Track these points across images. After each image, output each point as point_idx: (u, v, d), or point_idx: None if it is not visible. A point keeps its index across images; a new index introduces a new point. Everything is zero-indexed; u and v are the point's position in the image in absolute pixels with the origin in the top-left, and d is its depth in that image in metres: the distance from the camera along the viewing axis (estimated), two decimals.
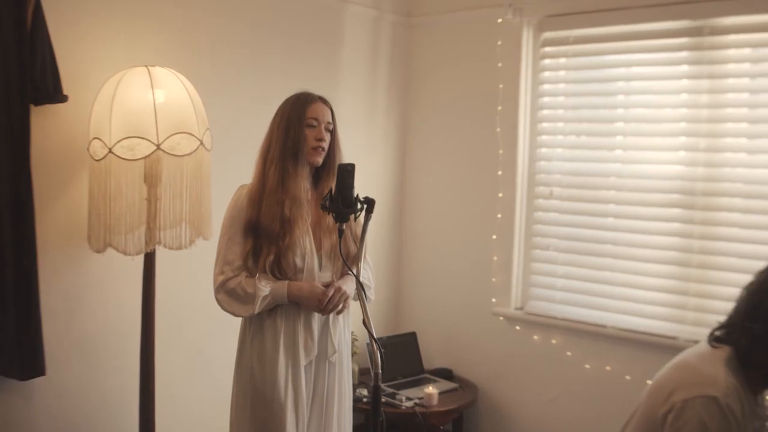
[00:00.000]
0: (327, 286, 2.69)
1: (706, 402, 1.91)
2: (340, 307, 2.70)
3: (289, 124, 2.70)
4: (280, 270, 2.66)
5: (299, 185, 2.68)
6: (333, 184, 2.65)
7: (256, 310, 2.63)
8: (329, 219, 2.71)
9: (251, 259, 2.68)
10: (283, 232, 2.64)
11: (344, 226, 2.39)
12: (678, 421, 1.95)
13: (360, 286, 2.31)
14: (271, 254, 2.64)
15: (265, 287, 2.62)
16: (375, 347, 2.13)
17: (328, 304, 2.65)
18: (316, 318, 2.72)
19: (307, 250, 2.69)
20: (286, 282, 2.65)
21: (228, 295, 2.66)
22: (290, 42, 3.89)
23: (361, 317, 2.25)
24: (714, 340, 2.06)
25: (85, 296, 3.08)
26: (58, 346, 2.96)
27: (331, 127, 2.78)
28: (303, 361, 2.68)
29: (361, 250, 2.39)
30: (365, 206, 2.35)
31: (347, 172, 2.30)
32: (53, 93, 2.80)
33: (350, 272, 2.64)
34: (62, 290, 2.99)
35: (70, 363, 3.04)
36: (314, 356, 2.71)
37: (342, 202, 2.31)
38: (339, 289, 2.68)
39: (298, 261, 2.67)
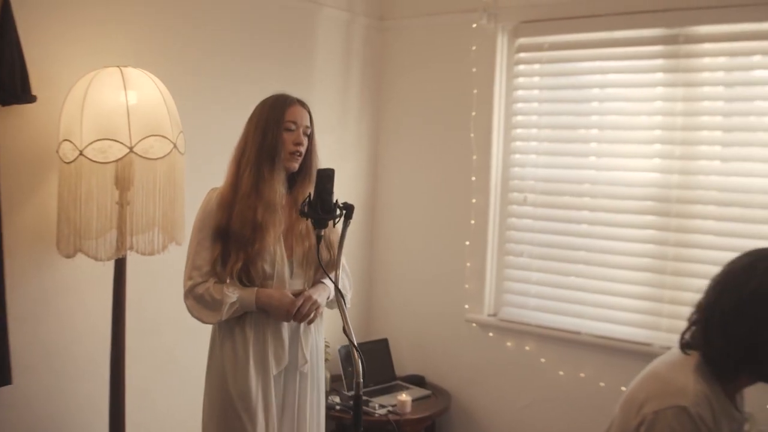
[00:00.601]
0: (297, 294, 2.64)
1: (677, 412, 1.90)
2: (312, 316, 2.65)
3: (267, 127, 2.64)
4: (248, 277, 2.61)
5: (274, 190, 2.62)
6: (311, 190, 2.61)
7: (224, 317, 2.58)
8: (302, 225, 2.67)
9: (220, 265, 2.63)
10: (254, 237, 2.58)
11: (323, 233, 2.34)
12: None
13: (339, 293, 2.26)
14: (239, 261, 2.59)
15: (232, 294, 2.57)
16: (357, 356, 2.08)
17: (297, 313, 2.60)
18: (286, 327, 2.67)
19: (277, 256, 2.64)
20: (255, 289, 2.60)
21: (196, 301, 2.61)
22: (262, 45, 3.84)
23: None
24: (684, 345, 2.05)
25: (52, 302, 3.00)
26: (25, 354, 2.87)
27: (309, 131, 2.73)
28: (273, 371, 2.63)
29: (339, 257, 2.33)
30: (344, 212, 2.31)
31: (327, 177, 2.25)
32: (21, 93, 2.70)
33: (329, 279, 2.60)
34: (29, 296, 2.90)
35: (38, 371, 2.95)
36: (285, 365, 2.66)
37: (321, 207, 2.26)
38: (309, 297, 2.62)
39: (267, 268, 2.62)
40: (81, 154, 2.60)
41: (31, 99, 2.75)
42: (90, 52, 3.00)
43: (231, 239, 2.60)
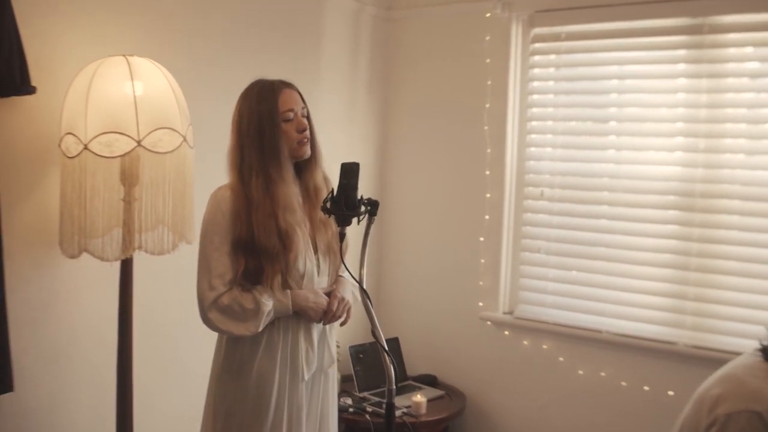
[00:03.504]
0: (327, 294, 2.51)
1: (750, 417, 1.86)
2: (343, 318, 2.52)
3: (261, 124, 2.44)
4: (286, 285, 2.46)
5: (288, 190, 2.46)
6: (320, 173, 2.55)
7: (261, 327, 2.40)
8: (320, 213, 2.47)
9: (250, 280, 2.44)
10: (284, 246, 2.41)
11: (345, 230, 2.21)
12: None
13: (366, 294, 2.13)
14: (277, 274, 2.41)
15: (267, 301, 2.40)
16: (388, 361, 1.95)
17: (331, 315, 2.47)
18: (316, 327, 2.53)
19: (308, 255, 2.50)
20: (289, 292, 2.44)
21: (221, 313, 2.41)
22: (268, 34, 3.71)
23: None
24: (762, 351, 1.98)
25: (55, 305, 2.85)
26: (27, 360, 2.73)
27: (305, 111, 2.54)
28: (306, 375, 2.48)
29: (363, 256, 2.19)
30: (369, 209, 2.17)
31: (352, 171, 2.11)
32: (20, 84, 2.54)
33: (345, 278, 2.47)
34: (30, 299, 2.75)
35: (40, 378, 2.81)
36: (314, 369, 2.53)
37: (345, 203, 2.12)
38: (342, 299, 2.50)
39: (301, 266, 2.47)
40: (85, 148, 2.45)
41: (30, 90, 2.58)
42: (94, 41, 2.85)
43: (260, 253, 2.41)
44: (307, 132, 2.51)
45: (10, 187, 2.62)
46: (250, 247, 2.42)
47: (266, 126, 2.44)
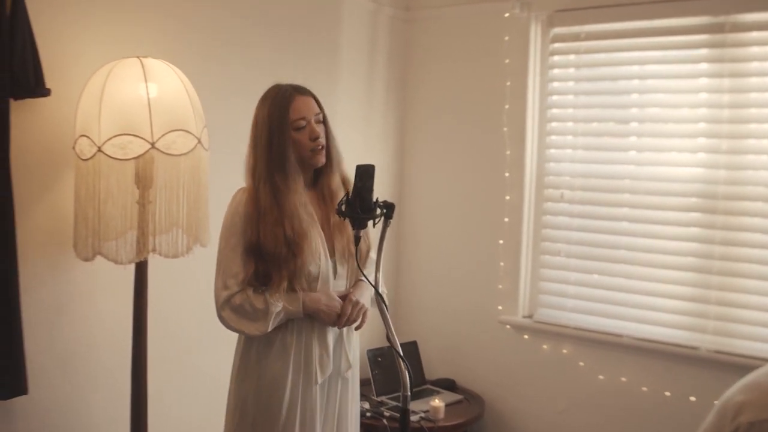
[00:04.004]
0: (342, 297, 2.47)
1: None
2: (358, 322, 2.48)
3: (271, 134, 2.43)
4: (294, 289, 2.43)
5: (295, 200, 2.43)
6: (336, 177, 2.51)
7: (270, 328, 2.39)
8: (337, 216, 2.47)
9: (259, 282, 2.44)
10: (291, 253, 2.39)
11: (361, 233, 2.17)
12: None
13: (381, 298, 2.09)
14: (283, 280, 2.39)
15: (277, 302, 2.38)
16: (403, 367, 1.91)
17: (346, 319, 2.43)
18: (331, 331, 2.50)
19: (321, 257, 2.46)
20: (300, 294, 2.42)
21: (234, 312, 2.42)
22: (285, 34, 3.68)
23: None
24: None
25: (69, 308, 2.83)
26: (41, 362, 2.71)
27: (321, 116, 2.52)
28: (319, 379, 2.45)
29: (379, 260, 2.15)
30: (385, 211, 2.14)
31: (367, 173, 2.08)
32: (34, 86, 2.53)
33: (364, 281, 2.44)
34: (44, 301, 2.74)
35: (54, 380, 2.79)
36: (329, 373, 2.49)
37: (360, 206, 2.09)
38: (357, 303, 2.46)
39: (313, 269, 2.44)
40: (99, 150, 2.44)
41: (45, 92, 2.57)
42: (107, 42, 2.84)
43: (267, 259, 2.40)
44: (321, 140, 2.48)
45: (24, 189, 2.61)
46: (258, 252, 2.41)
47: (275, 135, 2.44)
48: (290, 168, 2.44)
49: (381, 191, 4.12)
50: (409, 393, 1.95)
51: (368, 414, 3.70)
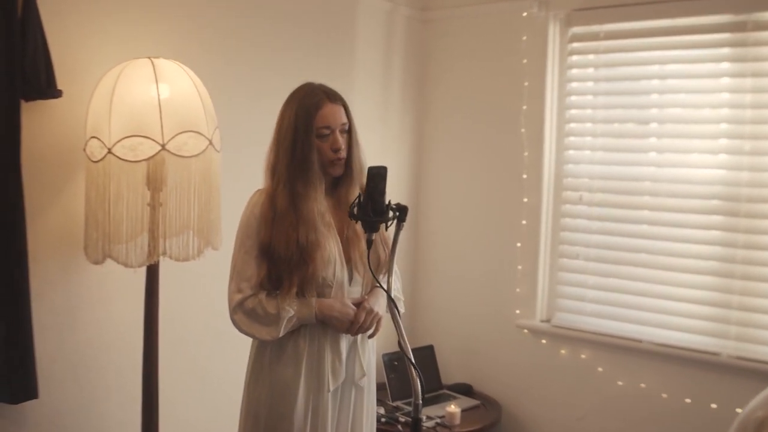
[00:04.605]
0: (357, 304, 2.42)
1: None
2: (372, 330, 2.44)
3: (296, 137, 2.36)
4: (305, 295, 2.39)
5: (313, 206, 2.38)
6: (356, 186, 2.42)
7: (281, 333, 2.35)
8: (354, 224, 2.40)
9: (270, 286, 2.41)
10: (303, 259, 2.34)
11: (374, 236, 2.13)
12: None
13: (393, 303, 2.04)
14: (293, 286, 2.35)
15: (289, 308, 2.34)
16: (415, 375, 1.86)
17: (359, 327, 2.39)
18: (344, 338, 2.45)
19: (337, 264, 2.41)
20: (314, 300, 2.38)
21: (246, 315, 2.38)
22: (300, 35, 3.65)
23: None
24: None
25: (80, 311, 2.81)
26: (52, 366, 2.69)
27: (347, 126, 2.44)
28: (331, 387, 2.41)
29: (392, 264, 2.11)
30: (397, 214, 2.09)
31: (379, 176, 2.03)
32: (46, 87, 2.52)
33: (381, 288, 2.39)
34: (55, 304, 2.72)
35: (65, 384, 2.77)
36: (342, 381, 2.45)
37: (372, 209, 2.04)
38: (371, 311, 2.41)
39: (328, 276, 2.39)
40: (109, 152, 2.41)
41: (56, 94, 2.56)
42: (118, 43, 2.82)
43: (278, 262, 2.37)
44: (342, 152, 2.41)
45: (35, 191, 2.59)
46: (270, 254, 2.38)
47: (300, 139, 2.37)
48: (312, 175, 2.38)
49: (397, 193, 4.12)
50: (420, 401, 1.89)
51: (383, 419, 3.65)
